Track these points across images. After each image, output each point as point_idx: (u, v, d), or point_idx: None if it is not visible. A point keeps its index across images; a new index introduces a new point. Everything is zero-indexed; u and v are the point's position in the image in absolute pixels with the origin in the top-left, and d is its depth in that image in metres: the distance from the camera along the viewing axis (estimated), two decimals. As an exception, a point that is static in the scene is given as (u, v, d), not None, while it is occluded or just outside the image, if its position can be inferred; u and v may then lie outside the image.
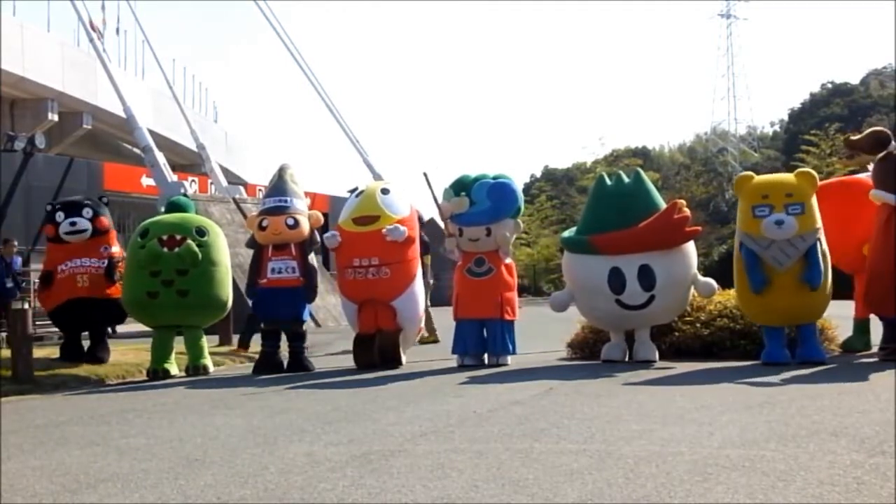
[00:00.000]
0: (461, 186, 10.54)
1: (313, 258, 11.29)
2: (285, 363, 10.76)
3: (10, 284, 14.47)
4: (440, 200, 10.63)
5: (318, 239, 11.22)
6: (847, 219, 10.10)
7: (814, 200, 9.39)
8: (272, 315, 10.82)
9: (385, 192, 11.06)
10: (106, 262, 11.53)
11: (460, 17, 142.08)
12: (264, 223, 10.77)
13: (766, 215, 9.19)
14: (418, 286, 10.91)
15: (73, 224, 11.56)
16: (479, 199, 10.39)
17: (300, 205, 11.08)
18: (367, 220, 10.72)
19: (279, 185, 11.12)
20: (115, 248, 11.83)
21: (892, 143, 9.77)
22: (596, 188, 10.69)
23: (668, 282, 9.83)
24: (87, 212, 11.69)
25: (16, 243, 16.06)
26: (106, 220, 11.88)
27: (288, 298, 10.73)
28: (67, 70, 30.47)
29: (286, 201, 10.92)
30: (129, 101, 21.16)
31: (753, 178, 9.73)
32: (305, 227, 10.92)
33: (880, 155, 9.77)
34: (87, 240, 11.60)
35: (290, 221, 10.78)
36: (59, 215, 11.66)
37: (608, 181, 10.45)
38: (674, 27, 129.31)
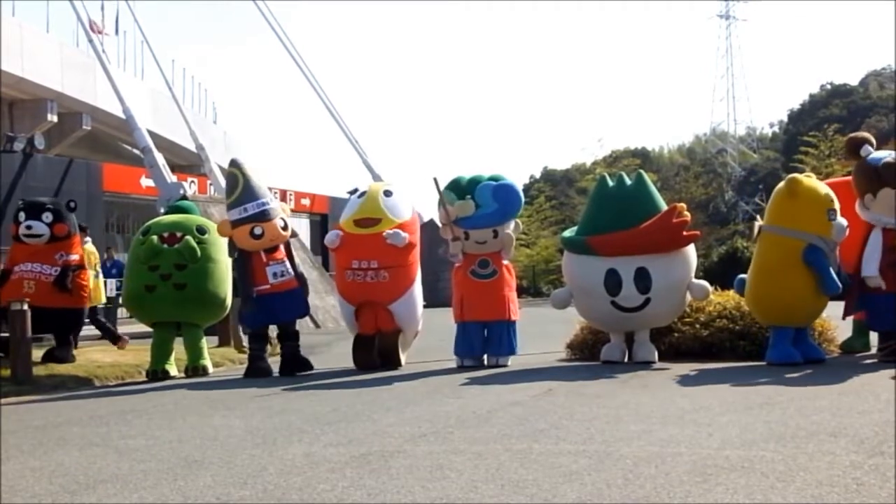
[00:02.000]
0: (459, 188, 10.47)
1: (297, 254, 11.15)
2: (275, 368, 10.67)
3: None
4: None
5: (295, 232, 11.17)
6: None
7: None
8: (277, 319, 10.64)
9: (388, 193, 10.99)
10: (59, 269, 11.30)
11: (459, 17, 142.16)
12: (257, 231, 10.39)
13: (835, 219, 9.29)
14: (417, 290, 10.88)
15: (28, 228, 11.34)
16: (485, 202, 10.35)
17: (275, 203, 10.89)
18: (368, 223, 10.67)
19: (251, 187, 10.64)
20: (75, 256, 11.59)
21: (865, 146, 9.64)
22: (597, 189, 10.66)
23: (665, 285, 9.80)
24: (48, 216, 11.43)
25: None
26: (66, 226, 11.56)
27: (291, 299, 10.62)
28: (67, 71, 30.44)
29: (267, 203, 10.65)
30: (128, 102, 21.14)
31: (805, 182, 9.51)
32: (290, 224, 10.87)
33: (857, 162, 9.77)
34: (43, 244, 11.38)
35: (282, 223, 10.62)
36: (21, 215, 11.48)
37: (610, 182, 10.43)
38: (673, 28, 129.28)
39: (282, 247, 10.68)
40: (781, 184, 9.66)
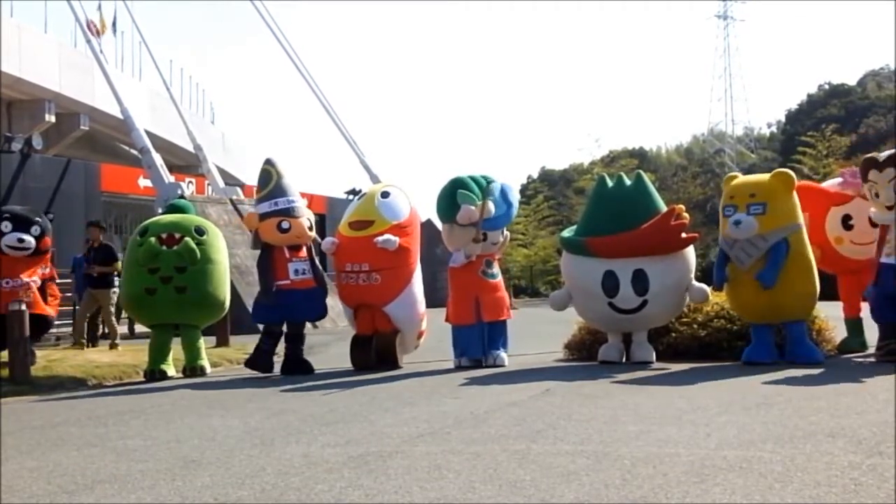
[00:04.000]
0: (469, 189, 10.31)
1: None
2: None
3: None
4: (461, 206, 10.22)
5: (318, 238, 11.20)
6: (818, 221, 10.27)
7: (789, 200, 9.57)
8: (293, 317, 10.59)
9: (385, 195, 10.99)
10: (40, 282, 11.16)
11: (458, 17, 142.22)
12: (285, 225, 10.50)
13: (730, 216, 9.51)
14: (416, 290, 10.82)
15: (20, 241, 11.03)
16: (499, 203, 10.39)
17: (302, 203, 10.92)
18: (361, 225, 10.69)
19: (283, 184, 10.78)
20: (48, 269, 11.48)
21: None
22: (596, 189, 10.66)
23: (663, 287, 9.80)
24: (36, 229, 11.21)
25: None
26: (49, 240, 11.44)
27: (310, 298, 10.61)
28: (65, 71, 30.45)
29: (296, 202, 10.73)
30: (126, 103, 21.16)
31: (727, 181, 10.06)
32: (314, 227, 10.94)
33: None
34: (26, 257, 11.09)
35: (308, 224, 10.71)
36: (6, 225, 11.08)
37: (609, 182, 10.42)
38: (671, 28, 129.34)
39: (305, 248, 10.73)
40: None
